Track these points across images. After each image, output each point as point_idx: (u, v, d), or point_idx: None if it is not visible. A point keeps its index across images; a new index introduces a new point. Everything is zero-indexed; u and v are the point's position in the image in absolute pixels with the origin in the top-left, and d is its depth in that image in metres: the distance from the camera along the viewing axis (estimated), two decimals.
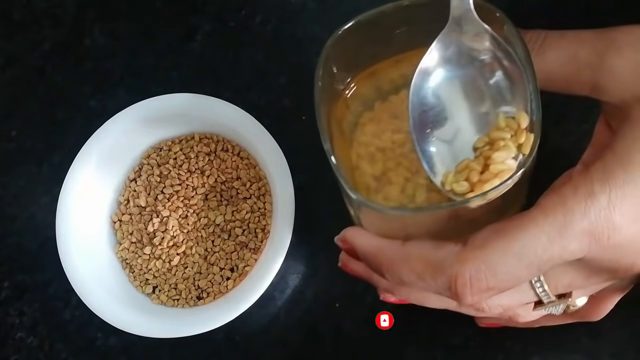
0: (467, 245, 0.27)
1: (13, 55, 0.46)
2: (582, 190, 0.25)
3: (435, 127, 0.30)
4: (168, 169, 0.41)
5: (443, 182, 0.29)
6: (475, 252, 0.26)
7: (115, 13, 0.46)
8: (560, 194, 0.26)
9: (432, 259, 0.28)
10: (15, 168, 0.44)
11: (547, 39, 0.29)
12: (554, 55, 0.29)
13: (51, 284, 0.42)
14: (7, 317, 0.42)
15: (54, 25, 0.46)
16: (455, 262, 0.27)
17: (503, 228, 0.26)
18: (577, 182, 0.26)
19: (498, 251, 0.26)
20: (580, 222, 0.25)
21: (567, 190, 0.26)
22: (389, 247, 0.29)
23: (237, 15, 0.45)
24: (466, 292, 0.26)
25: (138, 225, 0.41)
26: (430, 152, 0.30)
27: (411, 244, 0.29)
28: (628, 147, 0.26)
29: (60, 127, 0.44)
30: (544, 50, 0.29)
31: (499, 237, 0.26)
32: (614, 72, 0.27)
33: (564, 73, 0.29)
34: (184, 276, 0.40)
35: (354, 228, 0.31)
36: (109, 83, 0.45)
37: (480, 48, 0.30)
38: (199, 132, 0.42)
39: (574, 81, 0.29)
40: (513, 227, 0.26)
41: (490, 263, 0.26)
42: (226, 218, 0.40)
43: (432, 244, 0.28)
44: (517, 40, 0.28)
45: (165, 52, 0.45)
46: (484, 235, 0.27)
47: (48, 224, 0.39)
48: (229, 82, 0.43)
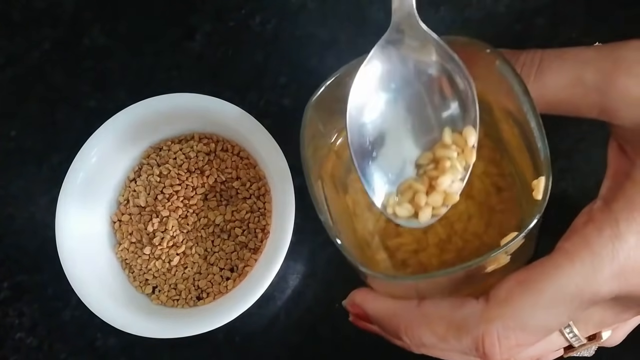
0: (491, 300, 0.25)
1: (12, 55, 0.46)
2: (607, 232, 0.24)
3: (377, 147, 0.28)
4: (168, 169, 0.41)
5: (385, 204, 0.27)
6: (501, 308, 0.25)
7: (114, 13, 0.46)
8: (583, 237, 0.24)
9: (454, 319, 0.26)
10: (14, 168, 0.44)
11: (544, 61, 0.27)
12: (554, 79, 0.27)
13: (50, 284, 0.42)
14: (7, 317, 0.42)
15: (53, 25, 0.46)
16: (481, 322, 0.25)
17: (527, 279, 0.25)
18: (600, 222, 0.24)
19: (526, 306, 0.25)
20: (609, 266, 0.24)
21: (591, 232, 0.24)
22: (404, 309, 0.27)
23: (236, 14, 0.45)
24: (495, 351, 0.25)
25: (138, 226, 0.41)
26: (373, 174, 0.28)
27: (428, 304, 0.27)
28: None
29: (60, 127, 0.44)
30: (543, 74, 0.27)
31: (525, 290, 0.25)
32: (627, 93, 0.25)
33: (568, 97, 0.26)
34: (183, 276, 0.40)
35: (362, 291, 0.29)
36: (109, 83, 0.45)
37: (426, 60, 0.27)
38: (199, 132, 0.42)
39: (580, 105, 0.26)
40: (538, 278, 0.25)
41: (519, 318, 0.25)
42: (226, 218, 0.40)
43: (452, 302, 0.26)
44: (512, 77, 0.26)
45: (164, 52, 0.45)
46: (508, 288, 0.25)
47: (47, 224, 0.39)
48: (229, 82, 0.43)
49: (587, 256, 0.24)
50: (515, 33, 0.42)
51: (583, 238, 0.24)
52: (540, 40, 0.41)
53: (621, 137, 0.27)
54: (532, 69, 0.27)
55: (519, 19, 0.42)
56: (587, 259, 0.24)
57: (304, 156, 0.28)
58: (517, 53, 0.28)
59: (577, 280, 0.24)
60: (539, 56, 0.27)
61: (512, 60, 0.27)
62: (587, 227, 0.25)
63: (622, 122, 0.26)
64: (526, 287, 0.25)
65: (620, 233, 0.24)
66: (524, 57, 0.27)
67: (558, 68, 0.27)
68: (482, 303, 0.26)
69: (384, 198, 0.27)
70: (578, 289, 0.24)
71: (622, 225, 0.24)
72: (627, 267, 0.24)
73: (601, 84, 0.26)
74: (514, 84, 0.26)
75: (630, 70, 0.25)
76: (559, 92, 0.27)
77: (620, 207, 0.24)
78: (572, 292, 0.24)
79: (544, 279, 0.24)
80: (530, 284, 0.25)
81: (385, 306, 0.28)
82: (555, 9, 0.42)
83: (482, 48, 0.27)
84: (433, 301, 0.27)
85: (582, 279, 0.24)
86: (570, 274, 0.24)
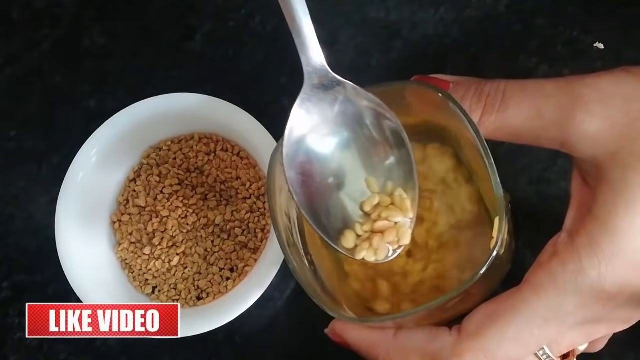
0: (462, 333, 0.27)
1: (12, 55, 0.46)
2: (571, 267, 0.25)
3: (325, 196, 0.29)
4: (167, 169, 0.41)
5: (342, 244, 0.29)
6: (472, 341, 0.26)
7: (114, 13, 0.46)
8: (548, 271, 0.26)
9: (428, 351, 0.27)
10: (14, 168, 0.44)
11: (507, 92, 0.28)
12: (516, 112, 0.28)
13: (50, 284, 0.42)
14: (7, 317, 0.42)
15: (53, 24, 0.46)
16: (453, 354, 0.26)
17: (495, 312, 0.26)
18: (564, 257, 0.26)
19: (494, 338, 0.26)
20: (573, 299, 0.25)
21: (556, 267, 0.26)
22: (382, 340, 0.29)
23: (236, 15, 0.44)
24: None
25: (137, 226, 0.41)
26: (324, 220, 0.29)
27: (405, 334, 0.28)
28: (611, 215, 0.25)
29: (60, 127, 0.44)
30: (506, 105, 0.28)
31: (494, 323, 0.26)
32: (584, 129, 0.26)
33: (530, 129, 0.27)
34: (183, 276, 0.40)
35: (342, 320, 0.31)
36: (109, 83, 0.45)
37: (351, 105, 0.28)
38: (199, 132, 0.42)
39: (541, 137, 0.28)
40: (506, 311, 0.26)
41: (489, 351, 0.26)
42: (226, 218, 0.40)
43: (426, 333, 0.28)
44: (463, 118, 0.27)
45: (164, 52, 0.45)
46: (477, 322, 0.27)
47: (47, 224, 0.39)
48: (229, 82, 0.43)
49: (552, 290, 0.25)
50: (515, 33, 0.42)
51: (548, 272, 0.26)
52: (541, 40, 0.41)
53: (582, 169, 0.28)
54: (497, 100, 0.28)
55: (519, 19, 0.42)
56: (552, 293, 0.25)
57: (272, 207, 0.29)
58: (482, 84, 0.28)
59: (543, 313, 0.26)
60: (503, 87, 0.28)
61: (477, 92, 0.28)
62: (552, 262, 0.26)
63: (581, 155, 0.27)
64: (495, 320, 0.26)
65: (583, 268, 0.25)
66: (488, 88, 0.28)
67: (519, 100, 0.28)
68: (455, 335, 0.27)
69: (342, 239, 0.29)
70: (544, 321, 0.26)
71: (585, 261, 0.25)
72: (591, 300, 0.25)
73: (560, 119, 0.27)
74: (468, 125, 0.27)
75: (587, 107, 0.26)
76: (520, 124, 0.28)
77: (583, 243, 0.25)
78: (539, 324, 0.26)
79: (511, 312, 0.26)
80: (499, 317, 0.26)
81: (363, 336, 0.30)
82: (555, 8, 0.42)
83: (433, 93, 0.28)
84: (409, 332, 0.28)
85: (547, 312, 0.26)
86: (536, 307, 0.26)
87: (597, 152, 0.26)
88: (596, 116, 0.26)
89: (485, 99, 0.28)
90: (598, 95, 0.26)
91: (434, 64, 0.42)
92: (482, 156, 0.27)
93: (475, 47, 0.42)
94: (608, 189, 0.26)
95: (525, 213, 0.37)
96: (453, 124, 0.29)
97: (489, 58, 0.41)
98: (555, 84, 0.27)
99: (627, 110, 0.26)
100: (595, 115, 0.26)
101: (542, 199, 0.29)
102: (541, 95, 0.27)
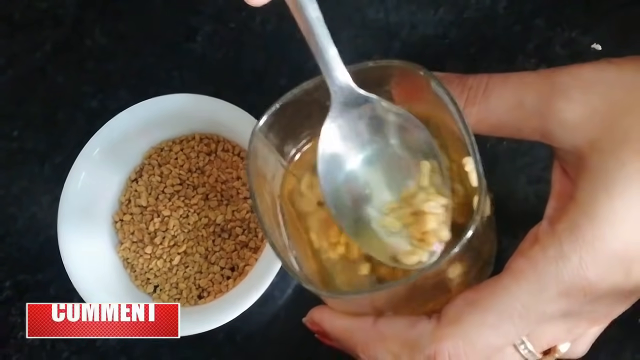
0: (442, 320, 0.26)
1: (14, 55, 0.46)
2: (551, 252, 0.25)
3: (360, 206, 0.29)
4: (169, 169, 0.41)
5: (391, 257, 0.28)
6: (451, 327, 0.26)
7: (116, 13, 0.46)
8: (529, 258, 0.25)
9: (407, 338, 0.27)
10: (16, 168, 0.44)
11: (490, 84, 0.28)
12: (498, 102, 0.27)
13: (52, 283, 0.42)
14: (9, 316, 0.42)
15: (55, 25, 0.46)
16: (432, 341, 0.26)
17: (475, 299, 0.26)
18: (545, 243, 0.25)
19: (474, 325, 0.26)
20: (554, 285, 0.25)
21: (537, 253, 0.25)
22: (360, 327, 0.28)
23: (237, 15, 0.45)
24: None
25: (139, 225, 0.41)
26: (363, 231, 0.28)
27: (384, 322, 0.28)
28: (591, 201, 0.25)
29: (62, 127, 0.44)
30: (488, 96, 0.27)
31: (473, 310, 0.26)
32: (564, 117, 0.26)
33: (511, 119, 0.27)
34: (184, 275, 0.40)
35: (320, 308, 0.30)
36: (110, 83, 0.45)
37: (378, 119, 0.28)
38: (200, 133, 0.42)
39: (523, 127, 0.27)
40: (486, 297, 0.26)
41: (468, 337, 0.26)
42: (226, 217, 0.40)
43: (406, 321, 0.27)
44: (446, 97, 0.26)
45: (166, 53, 0.45)
46: (457, 309, 0.26)
47: (49, 223, 0.39)
48: (229, 83, 0.43)
49: (533, 276, 0.25)
50: (514, 34, 0.42)
51: (529, 259, 0.25)
52: (540, 41, 0.41)
53: (562, 160, 0.28)
54: (479, 92, 0.28)
55: (518, 19, 0.42)
56: (533, 279, 0.25)
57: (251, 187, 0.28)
58: (465, 77, 0.28)
59: (523, 300, 0.25)
60: (486, 80, 0.28)
61: (460, 84, 0.28)
62: (533, 249, 0.25)
63: (561, 145, 0.27)
64: (474, 307, 0.26)
65: (563, 253, 0.25)
66: (471, 81, 0.28)
67: (501, 91, 0.27)
68: (434, 322, 0.27)
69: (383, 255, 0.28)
70: (524, 308, 0.25)
71: (566, 246, 0.25)
72: (573, 287, 0.25)
73: (540, 107, 0.26)
74: (448, 104, 0.26)
75: (567, 94, 0.26)
76: (501, 115, 0.27)
77: (564, 228, 0.25)
78: (519, 311, 0.25)
79: (491, 299, 0.25)
80: (478, 304, 0.26)
81: (342, 324, 0.29)
82: (553, 10, 0.42)
83: (415, 70, 0.27)
84: (388, 320, 0.28)
85: (528, 298, 0.25)
86: (516, 293, 0.25)
87: (577, 141, 0.26)
88: (576, 103, 0.26)
89: (468, 91, 0.28)
90: (578, 83, 0.26)
91: (433, 65, 0.42)
92: (463, 135, 0.26)
93: (474, 48, 0.42)
94: (588, 176, 0.25)
95: (524, 213, 0.37)
96: (435, 111, 0.28)
97: (488, 59, 0.41)
98: (537, 74, 0.27)
99: (607, 97, 0.26)
100: (575, 102, 0.26)
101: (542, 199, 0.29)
102: (522, 85, 0.27)
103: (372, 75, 0.28)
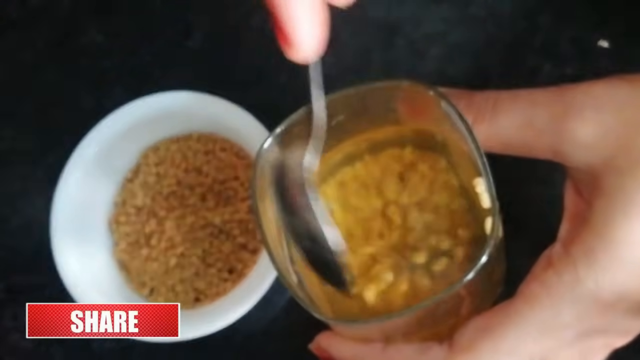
0: (454, 347, 0.26)
1: (7, 52, 0.46)
2: (566, 278, 0.25)
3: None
4: (166, 169, 0.41)
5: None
6: (464, 355, 0.26)
7: (111, 10, 0.46)
8: (543, 282, 0.25)
9: None
10: (9, 168, 0.44)
11: (499, 103, 0.27)
12: (508, 121, 0.27)
13: (47, 286, 0.41)
14: (2, 319, 0.41)
15: (49, 22, 0.46)
16: None
17: (488, 325, 0.26)
18: (559, 267, 0.25)
19: (487, 352, 0.25)
20: (569, 310, 0.25)
21: (551, 277, 0.25)
22: (369, 354, 0.28)
23: (235, 13, 0.44)
24: None
25: (135, 226, 0.40)
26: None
27: (394, 349, 0.28)
28: (607, 222, 0.24)
29: (56, 126, 0.44)
30: (497, 115, 0.27)
31: (486, 336, 0.25)
32: (577, 136, 0.26)
33: (522, 138, 0.27)
34: (181, 278, 0.40)
35: (328, 334, 0.30)
36: (106, 81, 0.44)
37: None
38: (197, 132, 0.42)
39: (533, 146, 0.27)
40: (499, 324, 0.25)
41: None
42: (224, 218, 0.40)
43: (417, 347, 0.27)
44: (456, 117, 0.26)
45: (163, 51, 0.45)
46: (469, 335, 0.26)
47: (43, 225, 0.39)
48: (228, 81, 0.43)
49: (547, 301, 0.25)
50: (518, 31, 0.41)
51: (543, 283, 0.25)
52: (546, 38, 0.41)
53: (576, 179, 0.27)
54: (487, 110, 0.27)
55: (522, 16, 0.42)
56: (547, 304, 0.25)
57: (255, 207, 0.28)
58: (472, 94, 0.28)
59: (538, 326, 0.25)
60: (494, 97, 0.28)
61: (468, 101, 0.28)
62: (547, 273, 0.25)
63: (575, 164, 0.27)
64: (487, 333, 0.25)
65: (579, 278, 0.24)
66: (478, 99, 0.28)
67: (511, 109, 0.27)
68: (446, 348, 0.26)
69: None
70: (539, 334, 0.25)
71: (581, 271, 0.24)
72: (588, 310, 0.25)
73: (552, 127, 0.26)
74: (459, 123, 0.26)
75: (581, 114, 0.26)
76: (512, 134, 0.27)
77: (578, 252, 0.25)
78: (534, 338, 0.25)
79: (505, 325, 0.25)
80: (491, 330, 0.25)
81: (350, 350, 0.29)
82: (559, 6, 0.41)
83: (425, 91, 0.27)
84: (398, 346, 0.28)
85: (542, 325, 0.25)
86: (530, 319, 0.25)
87: (591, 160, 0.26)
88: (589, 122, 0.26)
89: (477, 110, 0.28)
90: (591, 101, 0.26)
91: (436, 63, 0.42)
92: (474, 155, 0.26)
93: (478, 45, 0.41)
94: (604, 197, 0.25)
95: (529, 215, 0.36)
96: (443, 130, 0.28)
97: (493, 56, 0.41)
98: (547, 93, 0.27)
99: (621, 115, 0.25)
100: (588, 121, 0.26)
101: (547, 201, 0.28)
102: (532, 104, 0.27)
103: (379, 94, 0.28)
